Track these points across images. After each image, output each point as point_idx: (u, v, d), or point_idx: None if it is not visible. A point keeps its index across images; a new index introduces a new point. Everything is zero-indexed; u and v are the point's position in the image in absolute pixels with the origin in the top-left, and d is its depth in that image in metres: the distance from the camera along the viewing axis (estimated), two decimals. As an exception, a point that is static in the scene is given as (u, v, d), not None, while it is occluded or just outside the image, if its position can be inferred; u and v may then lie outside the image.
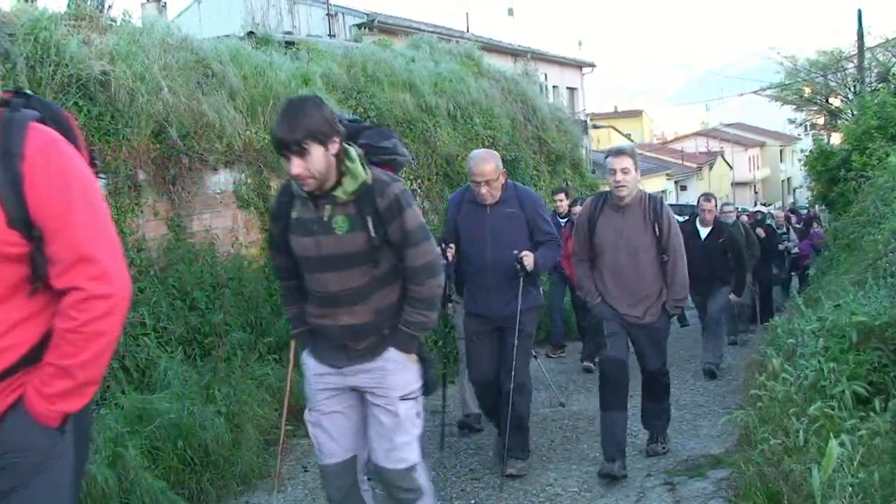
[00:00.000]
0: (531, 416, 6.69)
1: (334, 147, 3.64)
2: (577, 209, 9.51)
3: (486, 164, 6.07)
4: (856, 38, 29.56)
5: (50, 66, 6.83)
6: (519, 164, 14.23)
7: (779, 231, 16.79)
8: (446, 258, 6.04)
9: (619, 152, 6.19)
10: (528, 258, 5.94)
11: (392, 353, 3.93)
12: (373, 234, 3.74)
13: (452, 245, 6.24)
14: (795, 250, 17.69)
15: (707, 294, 10.30)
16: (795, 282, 18.12)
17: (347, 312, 3.88)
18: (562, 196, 11.45)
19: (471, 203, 6.30)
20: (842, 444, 3.95)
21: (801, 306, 7.42)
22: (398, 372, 3.95)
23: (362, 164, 3.77)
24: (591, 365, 9.98)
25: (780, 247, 16.43)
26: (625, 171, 6.01)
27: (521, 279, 5.97)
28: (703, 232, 10.29)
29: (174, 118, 7.79)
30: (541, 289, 6.72)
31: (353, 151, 3.77)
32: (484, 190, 6.07)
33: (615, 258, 6.14)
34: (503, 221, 6.12)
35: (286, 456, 6.97)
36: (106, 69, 7.24)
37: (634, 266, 6.11)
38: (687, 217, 11.29)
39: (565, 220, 10.85)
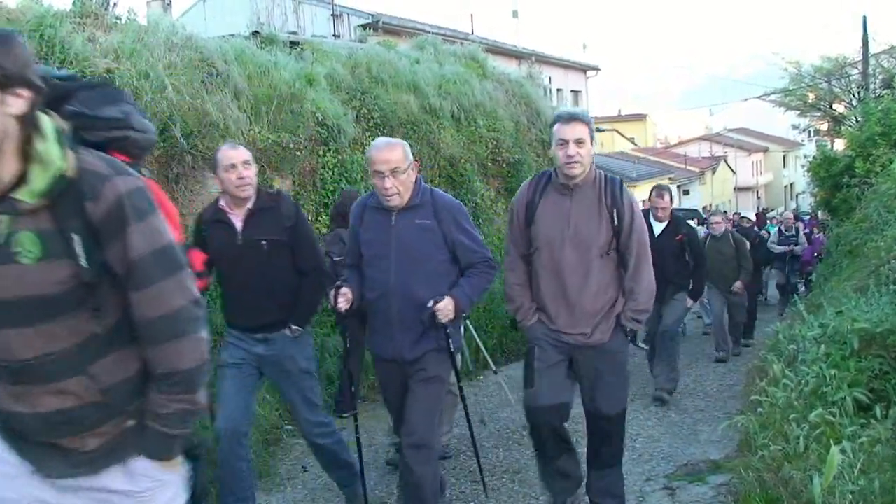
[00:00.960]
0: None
1: (14, 103, 2.22)
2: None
3: (392, 150, 4.64)
4: (860, 45, 29.53)
5: (55, 63, 6.84)
6: (522, 167, 14.21)
7: (787, 233, 16.88)
8: (337, 309, 4.71)
9: (571, 117, 4.69)
10: (445, 309, 4.56)
11: (140, 466, 2.53)
12: (83, 262, 2.29)
13: (346, 290, 4.73)
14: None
15: (660, 301, 8.38)
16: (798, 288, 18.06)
17: (52, 392, 2.39)
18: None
19: (374, 209, 4.85)
20: (843, 451, 3.96)
21: (803, 312, 7.42)
22: (152, 497, 2.56)
23: (62, 144, 2.32)
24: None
25: (780, 249, 16.46)
26: (579, 143, 4.66)
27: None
28: (658, 228, 9.02)
29: (178, 117, 7.79)
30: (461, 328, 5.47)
31: (50, 124, 2.33)
32: (388, 183, 4.59)
33: (558, 255, 4.70)
34: (412, 234, 4.70)
35: (286, 456, 6.98)
36: (111, 67, 7.25)
37: (583, 266, 4.69)
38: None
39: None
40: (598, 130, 36.42)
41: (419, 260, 4.67)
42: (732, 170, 62.40)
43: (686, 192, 48.69)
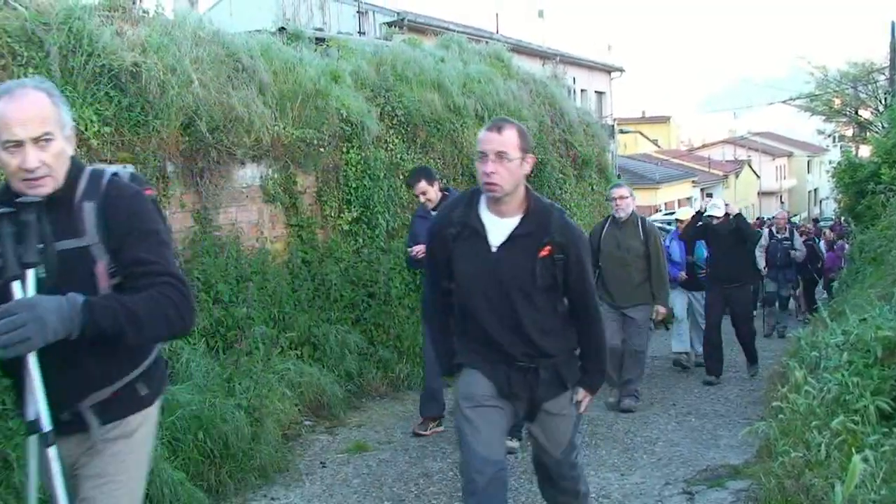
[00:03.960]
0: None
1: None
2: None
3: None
4: (888, 51, 29.32)
5: (82, 55, 6.87)
6: (545, 168, 14.20)
7: (778, 236, 14.69)
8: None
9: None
10: None
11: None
12: None
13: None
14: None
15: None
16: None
17: None
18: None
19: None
20: (865, 460, 3.92)
21: (826, 319, 7.37)
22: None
23: None
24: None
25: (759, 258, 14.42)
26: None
27: None
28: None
29: (204, 111, 7.81)
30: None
31: None
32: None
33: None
34: None
35: (304, 451, 7.00)
36: (137, 60, 7.27)
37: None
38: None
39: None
40: (622, 132, 36.35)
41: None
42: (756, 174, 62.15)
43: (709, 196, 48.49)
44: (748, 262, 10.48)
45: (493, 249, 3.81)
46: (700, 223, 10.14)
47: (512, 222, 3.84)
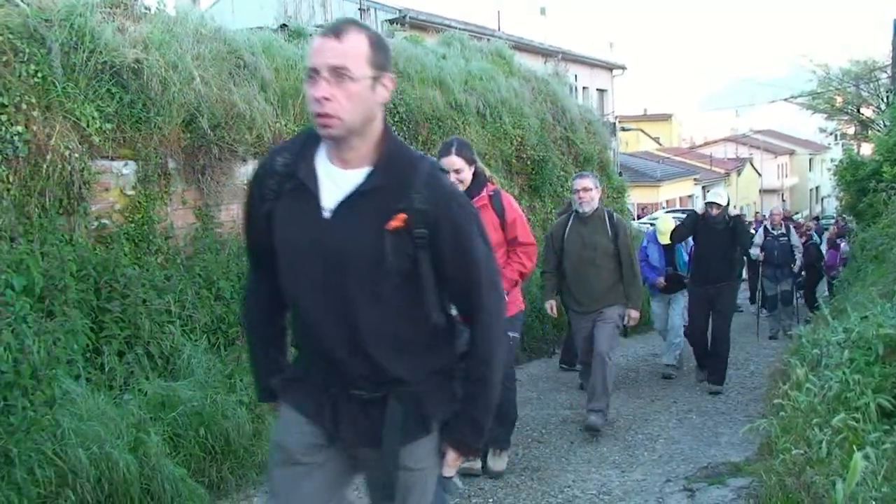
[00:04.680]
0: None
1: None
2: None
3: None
4: (890, 49, 29.29)
5: (84, 52, 6.87)
6: (546, 165, 14.19)
7: (774, 233, 14.10)
8: None
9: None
10: None
11: None
12: None
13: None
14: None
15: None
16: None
17: None
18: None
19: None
20: (866, 457, 3.92)
21: (828, 316, 7.37)
22: None
23: None
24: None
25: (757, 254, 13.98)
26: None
27: None
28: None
29: (205, 108, 7.82)
30: None
31: None
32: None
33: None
34: None
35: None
36: (139, 57, 7.28)
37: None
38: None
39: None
40: (623, 130, 36.30)
41: None
42: (758, 172, 62.11)
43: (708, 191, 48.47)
44: (735, 263, 9.73)
45: (325, 213, 2.59)
46: (689, 215, 9.72)
47: (357, 175, 2.61)
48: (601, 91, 32.30)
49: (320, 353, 2.66)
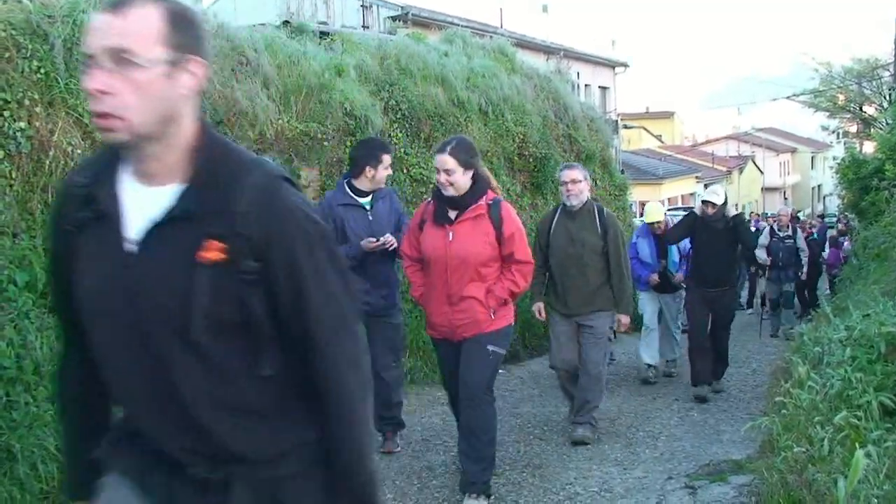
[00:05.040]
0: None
1: None
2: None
3: None
4: (892, 47, 29.27)
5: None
6: (548, 162, 14.17)
7: (780, 234, 13.91)
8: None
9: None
10: None
11: None
12: None
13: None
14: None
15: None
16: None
17: None
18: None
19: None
20: (867, 455, 3.92)
21: (830, 314, 7.37)
22: None
23: None
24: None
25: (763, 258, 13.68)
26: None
27: None
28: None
29: (208, 105, 7.81)
30: None
31: None
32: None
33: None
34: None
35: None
36: (142, 54, 7.28)
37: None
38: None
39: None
40: (626, 127, 36.27)
41: None
42: (760, 170, 62.08)
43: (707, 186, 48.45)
44: (736, 265, 9.43)
45: (129, 246, 1.94)
46: (688, 214, 9.21)
47: (164, 194, 1.95)
48: (603, 89, 32.30)
49: (141, 426, 2.03)
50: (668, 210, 23.99)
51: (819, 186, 70.12)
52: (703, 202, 8.85)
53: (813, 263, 15.91)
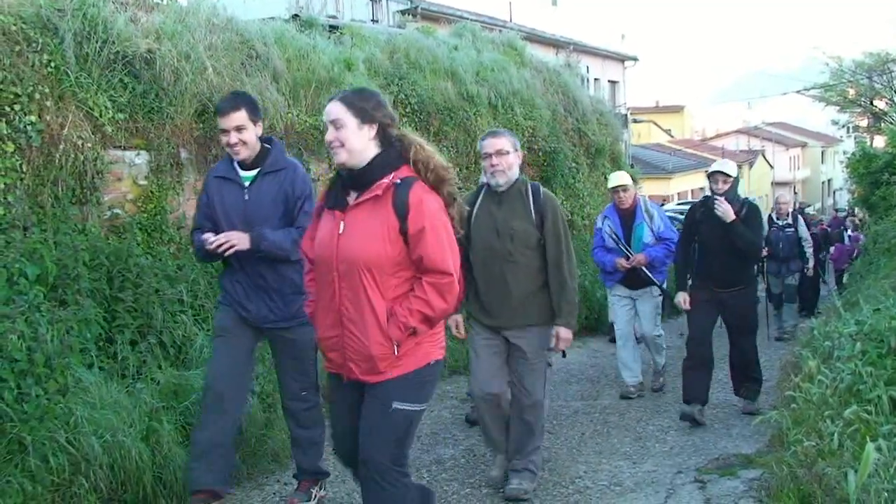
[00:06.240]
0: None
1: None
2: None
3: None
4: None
5: (97, 42, 6.89)
6: (558, 156, 14.17)
7: (779, 223, 12.73)
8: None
9: None
10: None
11: None
12: None
13: None
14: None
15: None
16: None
17: None
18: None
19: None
20: (878, 449, 3.92)
21: (840, 308, 7.35)
22: None
23: None
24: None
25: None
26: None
27: None
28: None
29: (217, 98, 7.82)
30: None
31: None
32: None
33: None
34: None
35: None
36: (152, 47, 7.29)
37: None
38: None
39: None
40: (635, 121, 36.16)
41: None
42: (770, 164, 61.92)
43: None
44: (750, 261, 7.69)
45: None
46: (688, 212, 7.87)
47: None
48: (613, 83, 32.25)
49: None
50: (678, 203, 23.78)
51: (829, 181, 69.93)
52: (713, 174, 7.41)
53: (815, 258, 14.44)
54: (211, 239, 4.76)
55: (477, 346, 5.63)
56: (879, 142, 29.38)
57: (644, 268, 8.27)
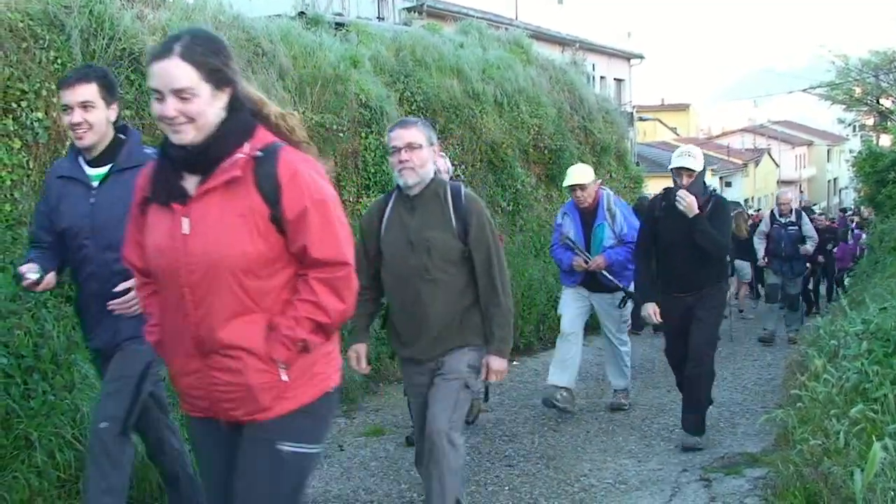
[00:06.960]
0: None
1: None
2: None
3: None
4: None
5: (103, 39, 6.90)
6: (564, 154, 14.16)
7: (782, 220, 12.09)
8: None
9: None
10: None
11: None
12: None
13: None
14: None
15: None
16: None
17: None
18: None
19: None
20: (884, 448, 3.91)
21: (846, 307, 7.35)
22: None
23: None
24: None
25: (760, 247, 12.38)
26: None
27: None
28: None
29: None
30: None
31: None
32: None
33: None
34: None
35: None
36: (158, 44, 7.30)
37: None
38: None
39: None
40: (641, 119, 36.18)
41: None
42: (776, 163, 61.84)
43: (728, 185, 48.32)
44: (718, 261, 6.69)
45: None
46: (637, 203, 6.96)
47: None
48: (619, 80, 32.25)
49: None
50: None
51: (835, 180, 69.80)
52: (676, 169, 6.50)
53: (815, 258, 14.02)
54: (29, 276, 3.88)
55: (405, 383, 5.22)
56: (886, 140, 29.32)
57: (605, 272, 7.48)
